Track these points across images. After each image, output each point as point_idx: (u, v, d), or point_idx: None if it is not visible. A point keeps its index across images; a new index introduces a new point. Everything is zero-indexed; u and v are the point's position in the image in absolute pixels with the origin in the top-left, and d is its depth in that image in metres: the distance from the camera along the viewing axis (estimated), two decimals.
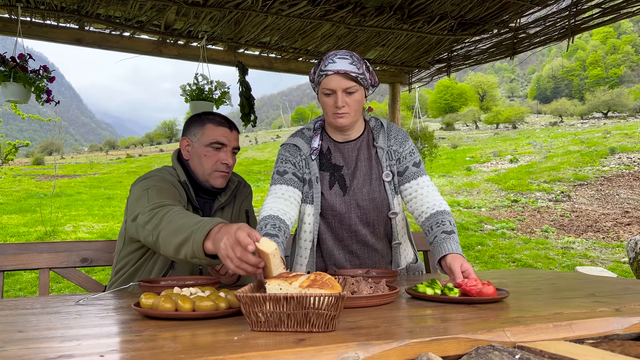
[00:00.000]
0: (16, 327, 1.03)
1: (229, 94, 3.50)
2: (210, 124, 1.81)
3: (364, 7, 3.37)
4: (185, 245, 1.30)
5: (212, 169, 1.79)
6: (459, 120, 51.32)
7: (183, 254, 1.32)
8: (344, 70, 1.62)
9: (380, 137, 1.81)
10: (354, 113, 1.70)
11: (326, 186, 1.79)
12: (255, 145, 43.10)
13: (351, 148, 1.80)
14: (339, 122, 1.69)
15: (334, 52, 1.69)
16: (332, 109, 1.68)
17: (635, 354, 0.89)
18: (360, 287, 1.30)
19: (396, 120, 4.79)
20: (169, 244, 1.37)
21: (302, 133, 1.84)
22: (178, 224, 1.35)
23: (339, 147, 1.81)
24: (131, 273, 1.77)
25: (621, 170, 15.89)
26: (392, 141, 1.82)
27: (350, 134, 1.80)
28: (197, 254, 1.27)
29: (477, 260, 7.79)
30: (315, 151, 1.77)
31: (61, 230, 10.20)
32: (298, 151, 1.80)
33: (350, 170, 1.80)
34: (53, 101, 3.07)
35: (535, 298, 1.39)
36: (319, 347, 0.84)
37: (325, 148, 1.81)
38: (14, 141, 14.20)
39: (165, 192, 1.64)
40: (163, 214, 1.45)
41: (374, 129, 1.84)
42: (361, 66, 1.67)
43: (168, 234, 1.37)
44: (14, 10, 3.00)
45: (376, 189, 1.78)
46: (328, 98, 1.68)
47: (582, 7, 3.26)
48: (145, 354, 0.81)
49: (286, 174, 1.77)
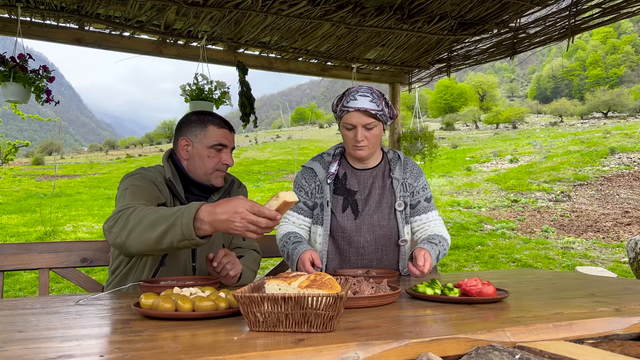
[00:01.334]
0: (16, 327, 1.03)
1: (228, 94, 3.50)
2: (212, 125, 1.83)
3: (364, 7, 3.37)
4: (170, 232, 1.34)
5: (214, 169, 1.83)
6: (459, 120, 51.32)
7: (168, 242, 1.35)
8: (364, 108, 1.75)
9: (397, 169, 1.94)
10: (372, 146, 1.84)
11: (339, 209, 1.90)
12: (255, 145, 43.10)
13: (367, 175, 1.93)
14: (358, 153, 1.84)
15: (356, 88, 1.82)
16: (352, 141, 1.82)
17: (635, 354, 0.89)
18: (362, 287, 1.30)
19: (396, 120, 4.79)
20: (148, 237, 1.38)
21: (321, 158, 1.99)
22: (152, 217, 1.39)
23: (355, 173, 1.93)
24: (126, 272, 1.78)
25: (621, 170, 15.89)
26: (408, 174, 1.95)
27: (368, 162, 1.94)
28: (187, 236, 1.31)
29: (477, 260, 7.79)
30: (332, 176, 1.89)
31: (61, 230, 10.19)
32: (314, 177, 1.94)
33: (364, 196, 1.91)
34: (53, 101, 3.07)
35: (535, 298, 1.39)
36: (318, 347, 0.84)
37: (342, 173, 1.94)
38: (13, 141, 14.20)
39: (142, 192, 1.66)
40: (128, 214, 1.46)
41: (391, 160, 1.97)
42: (380, 102, 1.80)
43: (144, 230, 1.39)
44: (14, 10, 3.00)
45: (386, 217, 1.89)
46: (349, 132, 1.82)
47: (582, 7, 3.26)
48: (145, 354, 0.81)
49: (298, 202, 1.94)
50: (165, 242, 1.36)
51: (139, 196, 1.64)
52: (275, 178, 21.54)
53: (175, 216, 1.34)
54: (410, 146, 4.63)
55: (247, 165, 26.84)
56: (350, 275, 1.56)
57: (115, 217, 1.49)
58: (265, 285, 1.04)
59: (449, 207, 12.72)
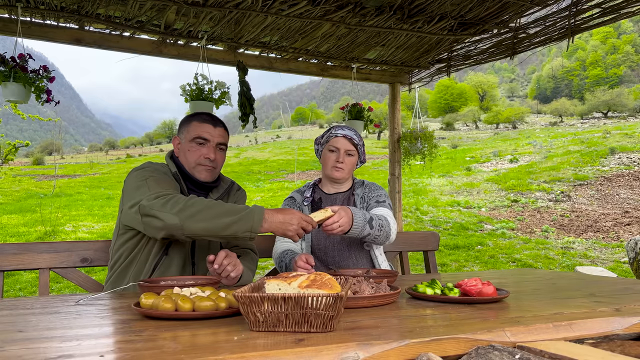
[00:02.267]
0: (16, 327, 1.03)
1: (228, 94, 3.50)
2: (195, 121, 1.92)
3: (364, 7, 3.37)
4: (238, 224, 1.55)
5: (196, 163, 1.88)
6: (459, 120, 51.30)
7: (232, 230, 1.55)
8: (349, 136, 2.15)
9: (358, 188, 2.28)
10: (348, 171, 2.18)
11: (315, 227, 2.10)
12: (255, 145, 43.10)
13: (339, 198, 2.25)
14: (335, 174, 2.16)
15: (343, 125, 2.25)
16: (333, 162, 2.16)
17: (635, 354, 0.89)
18: (362, 287, 1.30)
19: (396, 120, 4.79)
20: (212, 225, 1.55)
21: (298, 190, 2.33)
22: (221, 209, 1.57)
23: (329, 197, 2.25)
24: (126, 265, 1.80)
25: (621, 170, 15.89)
26: (367, 190, 2.27)
27: (340, 187, 2.26)
28: (253, 230, 1.56)
29: (477, 260, 7.79)
30: (307, 199, 2.24)
31: (61, 230, 10.20)
32: (294, 202, 2.27)
33: None
34: (53, 101, 3.07)
35: (535, 298, 1.39)
36: (318, 347, 0.84)
37: (317, 198, 2.27)
38: (13, 141, 14.20)
39: (164, 182, 1.74)
40: (186, 200, 1.58)
41: (356, 183, 2.30)
42: (360, 140, 2.20)
43: (211, 217, 1.55)
44: (14, 10, 3.00)
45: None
46: (332, 154, 2.17)
47: (582, 7, 3.26)
48: (145, 354, 0.81)
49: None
50: (230, 230, 1.55)
51: (166, 185, 1.72)
52: (275, 178, 21.53)
53: (245, 212, 1.57)
54: (410, 146, 4.63)
55: (247, 165, 26.83)
56: (350, 275, 1.56)
57: (166, 198, 1.59)
58: (265, 285, 1.04)
59: (449, 207, 12.72)
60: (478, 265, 7.46)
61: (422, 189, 15.86)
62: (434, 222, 10.99)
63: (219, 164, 1.95)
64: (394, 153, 4.78)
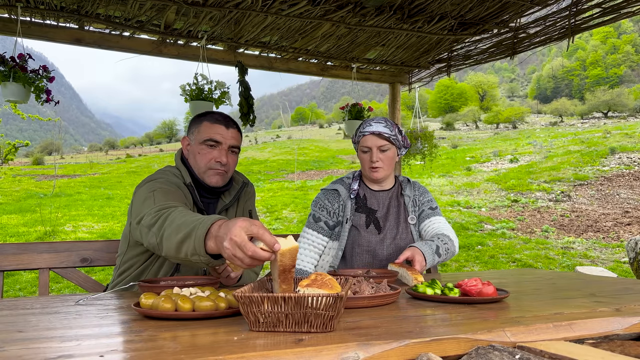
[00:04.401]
0: (16, 327, 1.03)
1: (228, 94, 3.50)
2: (206, 121, 1.80)
3: (364, 7, 3.37)
4: (186, 242, 1.23)
5: (206, 167, 1.77)
6: (459, 120, 51.30)
7: (184, 252, 1.24)
8: (378, 132, 1.99)
9: (407, 189, 2.16)
10: (387, 168, 2.04)
11: (362, 225, 2.07)
12: (255, 145, 43.10)
13: (384, 196, 2.13)
14: (373, 175, 2.04)
15: (372, 118, 2.08)
16: (368, 163, 2.03)
17: (635, 354, 0.89)
18: (362, 287, 1.30)
19: (396, 120, 4.79)
20: (171, 243, 1.30)
21: (342, 181, 2.16)
22: (180, 221, 1.30)
23: (374, 194, 2.12)
24: (136, 276, 1.76)
25: (621, 170, 15.88)
26: (417, 192, 2.18)
27: (383, 184, 2.14)
28: (197, 250, 1.19)
29: (477, 260, 7.79)
30: (354, 192, 2.08)
31: (61, 230, 10.19)
32: (337, 197, 2.11)
33: (383, 213, 2.10)
34: (53, 101, 3.07)
35: (535, 298, 1.39)
36: (318, 347, 0.84)
37: (362, 194, 2.13)
38: (13, 141, 14.20)
39: (172, 194, 1.61)
40: (167, 215, 1.39)
41: (402, 182, 2.20)
42: (394, 129, 2.03)
43: (170, 233, 1.31)
44: (14, 10, 3.00)
45: (404, 231, 2.09)
46: (365, 154, 2.04)
47: (582, 7, 3.26)
48: (145, 354, 0.81)
49: (319, 221, 2.10)
50: (182, 251, 1.25)
51: (172, 197, 1.58)
52: (275, 178, 21.53)
53: (193, 225, 1.21)
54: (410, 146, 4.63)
55: (247, 165, 26.82)
56: (350, 275, 1.56)
57: (157, 215, 1.41)
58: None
59: (449, 207, 12.71)
60: (478, 265, 7.46)
61: None
62: None
63: (231, 168, 1.81)
64: None
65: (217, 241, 1.13)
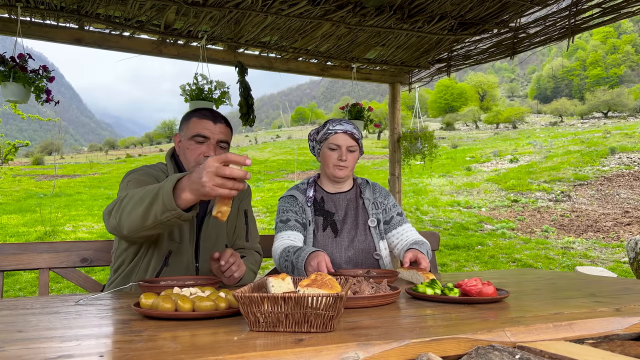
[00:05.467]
0: (16, 327, 1.03)
1: (228, 94, 3.49)
2: (194, 117, 1.80)
3: (364, 7, 3.37)
4: (154, 205, 1.28)
5: (195, 163, 1.76)
6: (459, 120, 51.31)
7: (152, 216, 1.29)
8: (350, 132, 2.00)
9: (366, 191, 2.14)
10: (351, 168, 2.04)
11: (320, 229, 2.04)
12: (255, 145, 43.08)
13: (342, 198, 2.10)
14: (338, 173, 2.02)
15: (339, 119, 2.07)
16: (334, 161, 2.01)
17: (635, 354, 0.89)
18: (362, 287, 1.30)
19: (396, 120, 4.79)
20: (135, 215, 1.34)
21: (297, 187, 2.14)
22: (141, 193, 1.35)
23: (331, 197, 2.10)
24: (129, 271, 1.77)
25: (621, 170, 15.88)
26: (377, 194, 2.15)
27: (342, 186, 2.12)
28: (168, 206, 1.25)
29: (477, 260, 7.79)
30: (310, 199, 2.06)
31: (61, 230, 10.19)
32: (295, 201, 2.08)
33: (341, 216, 2.07)
34: (53, 101, 3.06)
35: (535, 298, 1.39)
36: (318, 347, 0.84)
37: (319, 197, 2.11)
38: (13, 141, 14.20)
39: (144, 184, 1.62)
40: (123, 197, 1.44)
41: (360, 184, 2.17)
42: (359, 133, 2.06)
43: (133, 206, 1.35)
44: (14, 10, 3.00)
45: (363, 234, 2.05)
46: (333, 152, 2.02)
47: (582, 7, 3.26)
48: (145, 354, 0.81)
49: (289, 221, 2.03)
50: (150, 216, 1.30)
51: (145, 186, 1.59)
52: (275, 178, 21.53)
53: (159, 187, 1.29)
54: (410, 146, 4.63)
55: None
56: (350, 275, 1.56)
57: (115, 202, 1.47)
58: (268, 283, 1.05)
59: (449, 207, 12.72)
60: (478, 265, 7.46)
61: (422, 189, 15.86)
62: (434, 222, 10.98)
63: None
64: (394, 153, 4.78)
65: (193, 186, 1.20)
